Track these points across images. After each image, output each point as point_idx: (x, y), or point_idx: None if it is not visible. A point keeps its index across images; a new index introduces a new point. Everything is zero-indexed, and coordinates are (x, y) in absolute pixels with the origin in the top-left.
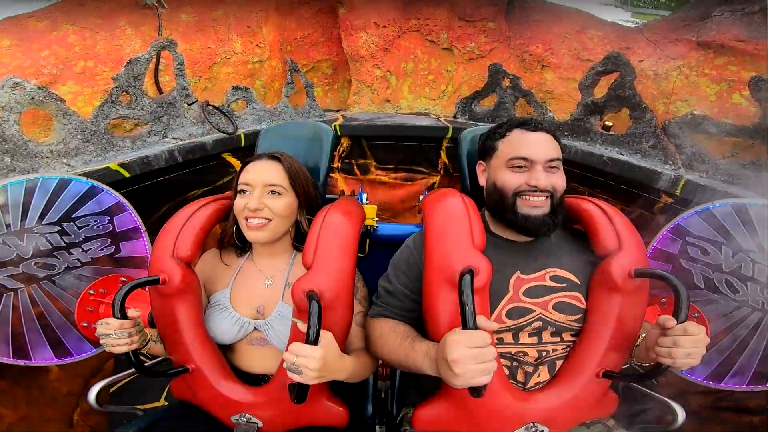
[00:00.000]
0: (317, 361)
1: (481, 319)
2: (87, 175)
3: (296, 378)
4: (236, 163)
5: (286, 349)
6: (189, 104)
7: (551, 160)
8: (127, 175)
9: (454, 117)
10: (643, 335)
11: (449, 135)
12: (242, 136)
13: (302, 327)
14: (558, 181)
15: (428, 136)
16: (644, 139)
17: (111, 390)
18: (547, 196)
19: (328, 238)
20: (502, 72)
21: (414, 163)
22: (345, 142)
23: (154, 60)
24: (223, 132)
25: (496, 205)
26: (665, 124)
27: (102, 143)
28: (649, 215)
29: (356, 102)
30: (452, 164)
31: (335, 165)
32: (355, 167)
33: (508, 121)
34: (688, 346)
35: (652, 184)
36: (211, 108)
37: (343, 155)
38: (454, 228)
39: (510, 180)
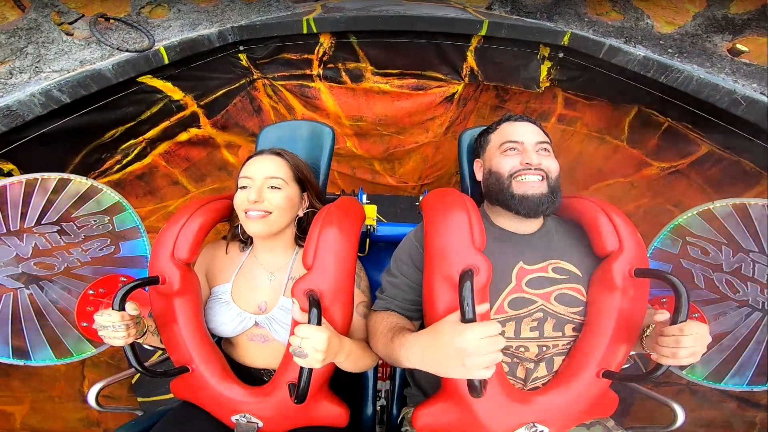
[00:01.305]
0: (323, 342)
1: (480, 308)
2: None
3: (301, 362)
4: (164, 86)
5: (291, 333)
6: (69, 23)
7: (540, 143)
8: None
9: (488, 8)
10: (653, 325)
11: (483, 32)
12: (163, 51)
13: (297, 314)
14: (550, 163)
15: (450, 32)
16: None
17: (133, 381)
18: (542, 178)
19: (328, 238)
20: None
21: (427, 67)
22: (326, 41)
23: None
24: (132, 51)
25: (493, 190)
26: None
27: None
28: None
29: None
30: (483, 70)
31: (314, 72)
32: (344, 74)
33: (497, 120)
34: (688, 345)
35: None
36: (111, 22)
37: (324, 58)
38: (454, 228)
39: (504, 163)
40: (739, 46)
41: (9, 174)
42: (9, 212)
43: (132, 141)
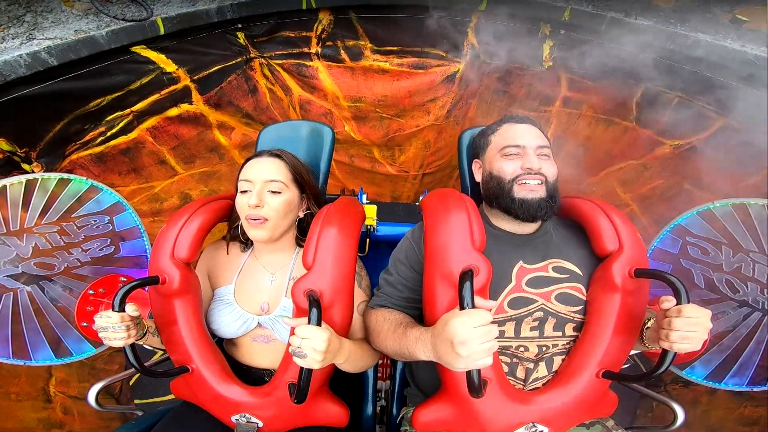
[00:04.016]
0: (323, 342)
1: (479, 300)
2: None
3: (300, 363)
4: (157, 58)
5: (291, 333)
6: None
7: (541, 147)
8: None
9: None
10: (653, 319)
11: (483, 7)
12: (159, 22)
13: (292, 321)
14: (549, 168)
15: (450, 7)
16: None
17: (131, 382)
18: (541, 182)
19: (328, 238)
20: None
21: (427, 44)
22: (325, 18)
23: None
24: (130, 21)
25: (493, 193)
26: None
27: None
28: None
29: None
30: (484, 49)
31: (312, 51)
32: (343, 52)
33: (498, 120)
34: (682, 328)
35: None
36: None
37: (323, 36)
38: (454, 228)
39: (505, 166)
40: (738, 16)
41: None
42: (9, 212)
43: (118, 113)
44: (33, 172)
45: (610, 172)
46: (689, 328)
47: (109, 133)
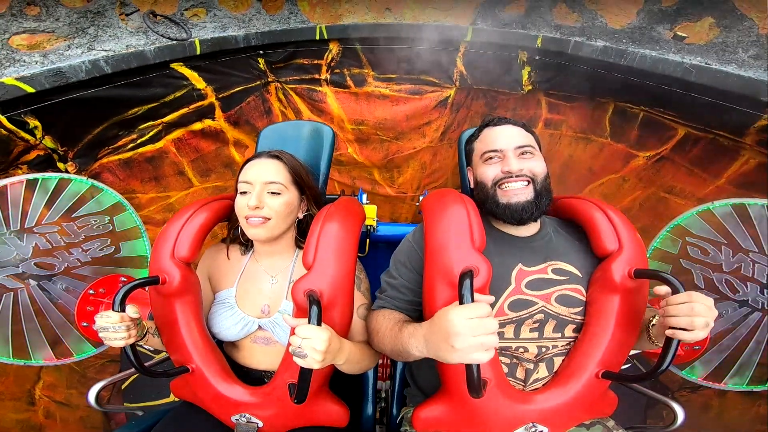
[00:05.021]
0: (323, 342)
1: (478, 296)
2: None
3: (300, 363)
4: (191, 75)
5: (291, 333)
6: (126, 15)
7: (521, 146)
8: (30, 90)
9: (473, 23)
10: (658, 316)
11: (468, 38)
12: (197, 42)
13: (292, 320)
14: (535, 165)
15: (441, 38)
16: (740, 48)
17: (123, 386)
18: (527, 182)
19: (328, 238)
20: None
21: (423, 72)
22: (334, 48)
23: None
24: (173, 39)
25: (481, 199)
26: None
27: None
28: (739, 141)
29: (350, 11)
30: (471, 75)
31: (322, 77)
32: (348, 78)
33: (480, 125)
34: (684, 313)
35: (760, 96)
36: (158, 18)
37: (332, 63)
38: (454, 228)
39: (486, 172)
40: (678, 32)
41: (32, 130)
42: (9, 212)
43: (150, 122)
44: (67, 171)
45: (593, 188)
46: (692, 314)
47: (139, 141)
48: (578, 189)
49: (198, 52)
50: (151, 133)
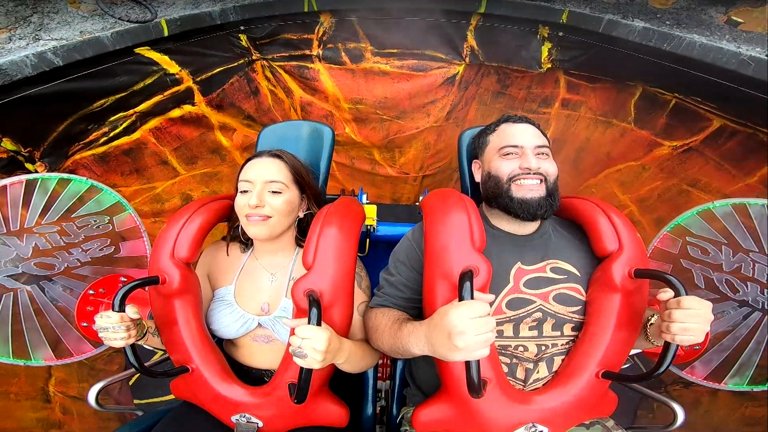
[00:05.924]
0: (323, 342)
1: (478, 295)
2: None
3: (300, 363)
4: (160, 59)
5: (291, 333)
6: None
7: (539, 146)
8: None
9: None
10: (656, 315)
11: (482, 9)
12: (164, 23)
13: (292, 321)
14: (549, 166)
15: (450, 9)
16: None
17: (131, 383)
18: (541, 180)
19: (328, 238)
20: None
21: (428, 47)
22: (326, 20)
23: None
24: (135, 22)
25: (492, 193)
26: None
27: None
28: None
29: None
30: (483, 50)
31: (314, 53)
32: (344, 54)
33: (496, 120)
34: (682, 319)
35: None
36: None
37: (324, 38)
38: (454, 228)
39: (503, 166)
40: (733, 17)
41: None
42: (9, 212)
43: (122, 113)
44: (36, 171)
45: (609, 174)
46: (690, 319)
47: (112, 134)
48: (593, 173)
49: (165, 34)
50: (124, 125)
